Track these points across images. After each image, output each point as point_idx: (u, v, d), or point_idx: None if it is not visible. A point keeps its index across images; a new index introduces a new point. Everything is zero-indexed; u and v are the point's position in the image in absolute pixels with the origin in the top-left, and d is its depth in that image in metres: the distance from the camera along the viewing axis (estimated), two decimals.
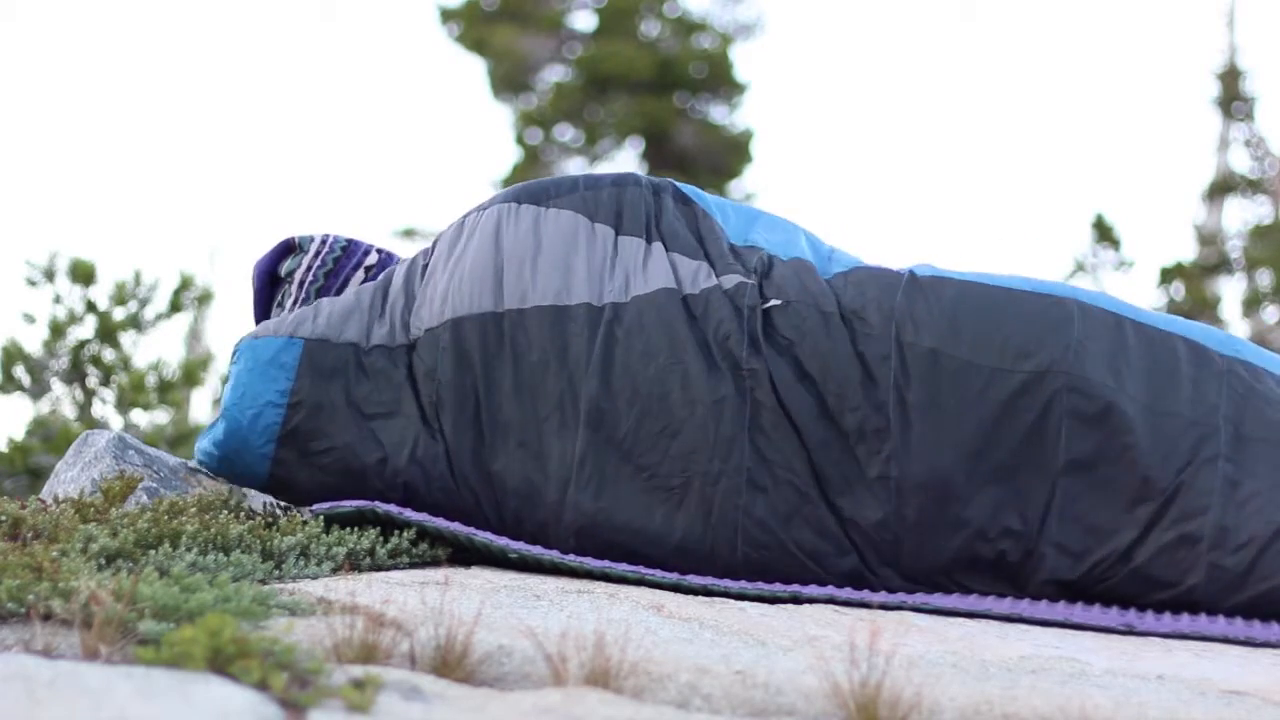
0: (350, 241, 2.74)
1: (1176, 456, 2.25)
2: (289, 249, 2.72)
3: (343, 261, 2.69)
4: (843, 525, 2.29)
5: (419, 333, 2.46)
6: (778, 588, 2.23)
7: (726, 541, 2.28)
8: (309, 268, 2.68)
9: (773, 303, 2.39)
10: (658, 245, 2.48)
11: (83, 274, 5.42)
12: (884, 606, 2.15)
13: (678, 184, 2.62)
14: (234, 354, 2.50)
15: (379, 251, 2.75)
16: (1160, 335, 2.38)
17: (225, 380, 2.53)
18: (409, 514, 2.33)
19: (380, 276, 2.60)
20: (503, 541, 2.29)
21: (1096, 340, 2.33)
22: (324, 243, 2.71)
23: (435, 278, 2.49)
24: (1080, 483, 2.26)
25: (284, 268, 2.71)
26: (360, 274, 2.70)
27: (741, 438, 2.30)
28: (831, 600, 2.19)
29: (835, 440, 2.30)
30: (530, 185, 2.58)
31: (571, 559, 2.26)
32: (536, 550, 2.28)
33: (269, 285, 2.73)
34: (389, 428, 2.41)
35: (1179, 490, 2.24)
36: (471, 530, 2.31)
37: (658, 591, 2.18)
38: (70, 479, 2.73)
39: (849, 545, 2.28)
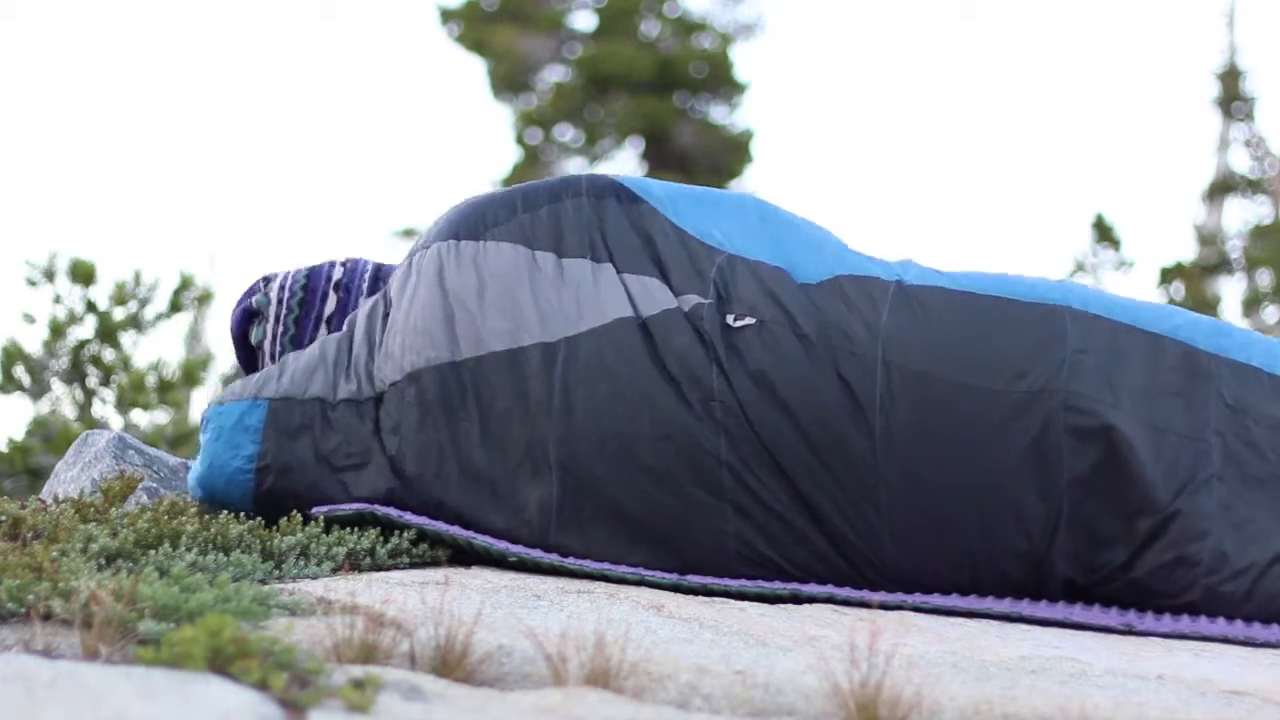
0: (307, 285, 2.62)
1: (1176, 475, 2.23)
2: (250, 314, 2.65)
3: (303, 321, 2.60)
4: (836, 545, 2.26)
5: (384, 386, 2.40)
6: (777, 586, 2.23)
7: (719, 562, 2.26)
8: (273, 336, 2.61)
9: (746, 322, 2.31)
10: (608, 266, 2.38)
11: (83, 274, 5.42)
12: (884, 606, 2.15)
13: (622, 181, 2.51)
14: (202, 421, 2.46)
15: (336, 289, 2.62)
16: (1152, 341, 2.33)
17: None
18: (409, 517, 2.33)
19: (345, 324, 2.52)
20: (502, 545, 2.29)
21: (1091, 353, 2.29)
22: (281, 302, 2.62)
23: (393, 326, 2.42)
24: (1085, 493, 2.23)
25: (253, 337, 2.65)
26: (322, 330, 2.60)
27: (720, 471, 2.25)
28: (831, 600, 2.19)
29: (819, 468, 2.25)
30: (468, 214, 2.47)
31: (571, 562, 2.26)
32: (536, 554, 2.28)
33: (247, 350, 2.67)
34: (360, 480, 2.37)
35: (1178, 513, 2.20)
36: (471, 534, 2.31)
37: (658, 591, 2.18)
38: (70, 479, 2.73)
39: (843, 562, 2.27)
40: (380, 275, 2.66)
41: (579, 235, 2.41)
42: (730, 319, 2.32)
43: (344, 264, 2.67)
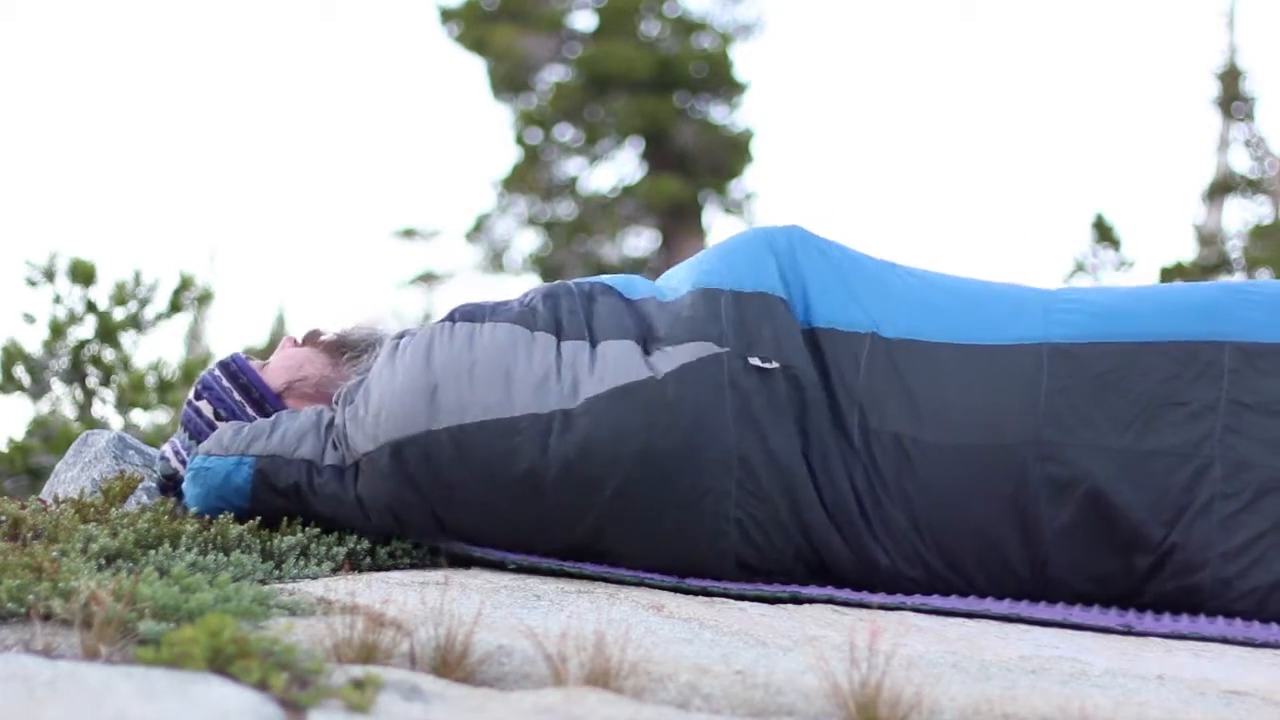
0: (186, 425, 2.55)
1: (1168, 504, 2.17)
2: (166, 480, 2.55)
3: (201, 438, 2.50)
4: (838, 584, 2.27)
5: (356, 455, 2.32)
6: (777, 588, 2.23)
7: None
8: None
9: (771, 365, 2.26)
10: (604, 344, 2.30)
11: (83, 274, 5.42)
12: (884, 607, 2.15)
13: (609, 282, 2.46)
14: (189, 472, 2.39)
15: (199, 399, 2.54)
16: (1138, 353, 2.24)
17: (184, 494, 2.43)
18: None
19: (337, 392, 2.44)
20: (500, 554, 2.29)
21: (1069, 392, 2.22)
22: (177, 452, 2.52)
23: (367, 394, 2.33)
24: (1072, 542, 2.21)
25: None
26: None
27: (729, 529, 2.21)
28: (831, 600, 2.19)
29: (821, 525, 2.23)
30: (468, 307, 2.42)
31: (570, 565, 2.26)
32: (534, 559, 2.28)
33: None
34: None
35: (1174, 547, 2.17)
36: (469, 545, 2.31)
37: (658, 592, 2.18)
38: (70, 479, 2.73)
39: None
40: (226, 364, 2.59)
41: (576, 323, 2.35)
42: (755, 360, 2.26)
43: (197, 386, 2.60)
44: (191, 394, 2.59)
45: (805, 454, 2.24)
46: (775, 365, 2.26)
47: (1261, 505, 2.15)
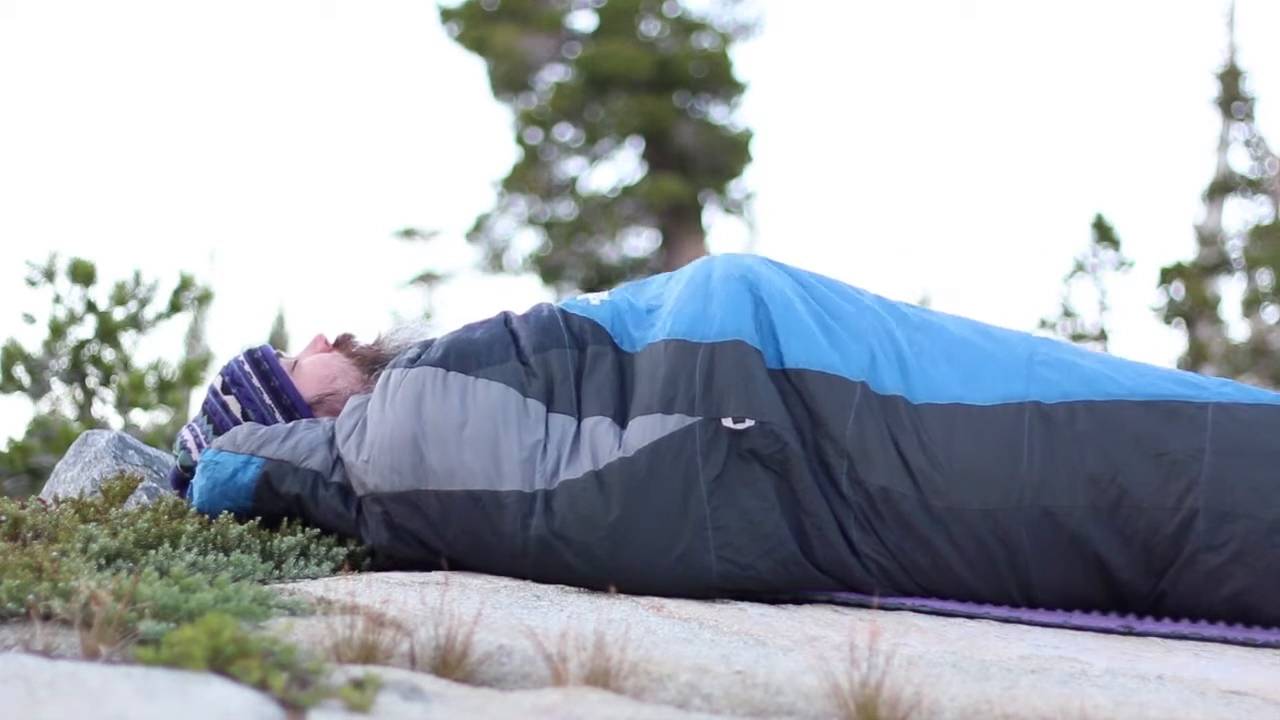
0: (207, 411, 2.56)
1: (1154, 559, 2.16)
2: (181, 473, 2.56)
3: (222, 429, 2.52)
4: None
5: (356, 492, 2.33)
6: None
7: None
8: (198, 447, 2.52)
9: (746, 424, 2.22)
10: (586, 422, 2.29)
11: (83, 274, 5.42)
12: (884, 607, 2.15)
13: (600, 321, 2.42)
14: (200, 464, 2.40)
15: (227, 391, 2.56)
16: (1118, 409, 2.22)
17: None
18: None
19: (347, 408, 2.43)
20: None
21: (1055, 457, 2.20)
22: (197, 437, 2.54)
23: (363, 434, 2.33)
24: (1069, 598, 2.20)
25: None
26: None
27: (711, 595, 2.18)
28: (831, 600, 2.19)
29: (809, 576, 2.21)
30: (463, 350, 2.38)
31: None
32: None
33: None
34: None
35: (1163, 595, 2.17)
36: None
37: None
38: (70, 479, 2.73)
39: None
40: (256, 359, 2.59)
41: (565, 385, 2.34)
42: (728, 422, 2.23)
43: (221, 373, 2.61)
44: (218, 384, 2.59)
45: (792, 511, 2.22)
46: (750, 424, 2.23)
47: (1247, 557, 2.13)
